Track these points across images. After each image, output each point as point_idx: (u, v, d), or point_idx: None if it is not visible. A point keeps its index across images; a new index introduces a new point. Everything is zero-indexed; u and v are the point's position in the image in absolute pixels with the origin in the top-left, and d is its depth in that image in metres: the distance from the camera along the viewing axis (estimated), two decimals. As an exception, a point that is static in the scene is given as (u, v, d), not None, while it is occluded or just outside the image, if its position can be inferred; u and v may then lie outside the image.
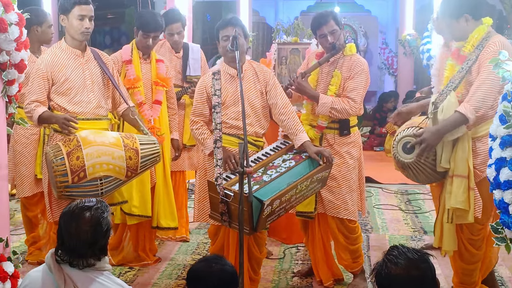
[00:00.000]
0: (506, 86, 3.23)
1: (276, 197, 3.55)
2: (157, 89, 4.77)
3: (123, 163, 3.77)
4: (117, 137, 3.84)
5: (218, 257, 2.65)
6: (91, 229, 2.53)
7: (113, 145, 3.76)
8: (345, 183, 4.21)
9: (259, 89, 4.01)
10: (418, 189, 7.60)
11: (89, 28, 3.97)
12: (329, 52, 4.20)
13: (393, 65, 13.61)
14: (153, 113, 4.71)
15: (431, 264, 2.27)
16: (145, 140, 3.96)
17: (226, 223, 3.73)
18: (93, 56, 4.11)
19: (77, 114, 3.94)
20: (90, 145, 3.70)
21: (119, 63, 4.71)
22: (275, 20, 12.62)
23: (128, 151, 3.80)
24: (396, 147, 3.79)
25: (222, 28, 3.91)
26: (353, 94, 4.15)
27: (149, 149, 3.92)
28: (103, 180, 3.72)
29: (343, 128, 4.23)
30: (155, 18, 4.68)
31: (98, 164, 3.69)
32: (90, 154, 3.67)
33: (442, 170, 3.72)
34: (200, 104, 4.02)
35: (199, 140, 4.01)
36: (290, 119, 3.97)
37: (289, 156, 3.94)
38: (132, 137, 3.91)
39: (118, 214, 4.68)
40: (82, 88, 3.99)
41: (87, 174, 3.66)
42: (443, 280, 4.44)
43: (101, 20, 15.95)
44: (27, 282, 2.60)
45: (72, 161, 3.63)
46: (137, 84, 4.66)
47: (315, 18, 4.22)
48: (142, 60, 4.76)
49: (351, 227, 4.28)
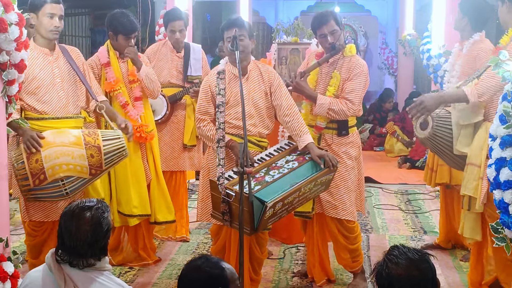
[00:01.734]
0: (506, 86, 3.24)
1: (279, 199, 3.55)
2: (133, 86, 4.72)
3: (85, 162, 3.75)
4: (78, 136, 3.81)
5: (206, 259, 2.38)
6: (91, 229, 2.53)
7: (73, 145, 3.75)
8: (343, 184, 4.20)
9: (264, 89, 4.01)
10: (418, 189, 7.61)
11: (58, 27, 3.94)
12: (329, 53, 4.19)
13: (393, 65, 13.60)
14: (138, 111, 4.68)
15: (431, 264, 2.27)
16: (109, 135, 3.93)
17: (227, 222, 3.72)
18: (62, 54, 4.08)
19: (46, 112, 3.92)
20: (49, 146, 3.69)
21: (98, 67, 4.68)
22: (275, 20, 12.60)
23: (90, 149, 3.78)
24: (415, 125, 4.16)
25: (227, 29, 3.91)
26: (351, 96, 4.14)
27: (112, 145, 3.88)
28: (65, 181, 3.72)
29: (341, 128, 4.22)
30: (131, 19, 4.63)
31: (58, 165, 3.68)
32: (48, 156, 3.67)
33: (458, 153, 3.86)
34: (205, 102, 4.02)
35: (208, 137, 3.98)
36: (294, 121, 3.96)
37: (292, 157, 3.93)
38: (95, 134, 3.89)
39: (116, 217, 4.65)
40: (52, 86, 3.96)
41: (47, 176, 3.67)
42: (443, 280, 4.44)
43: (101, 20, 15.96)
44: (27, 282, 2.60)
45: (31, 165, 3.63)
46: (117, 86, 4.63)
47: (316, 18, 4.21)
48: (119, 60, 4.72)
49: (350, 227, 4.28)
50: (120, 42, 4.65)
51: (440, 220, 5.25)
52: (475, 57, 4.47)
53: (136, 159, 4.66)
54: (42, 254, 4.14)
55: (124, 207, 4.63)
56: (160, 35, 7.12)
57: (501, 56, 3.36)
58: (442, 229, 5.22)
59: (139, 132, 4.62)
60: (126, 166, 4.59)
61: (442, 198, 5.21)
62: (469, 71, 4.51)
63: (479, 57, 4.40)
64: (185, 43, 5.49)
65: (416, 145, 9.16)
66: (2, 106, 3.10)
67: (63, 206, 4.00)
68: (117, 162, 3.98)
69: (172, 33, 5.37)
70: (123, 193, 4.62)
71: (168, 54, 5.41)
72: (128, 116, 4.60)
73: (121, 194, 4.62)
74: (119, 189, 4.62)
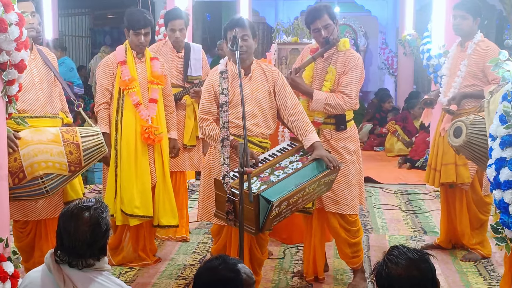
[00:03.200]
0: (506, 86, 3.24)
1: (285, 198, 3.55)
2: (152, 87, 4.73)
3: (64, 159, 3.74)
4: (56, 133, 3.80)
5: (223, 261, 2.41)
6: (90, 229, 2.53)
7: (52, 142, 3.73)
8: (343, 179, 4.20)
9: (267, 89, 4.01)
10: (418, 189, 7.61)
11: (32, 24, 3.87)
12: (323, 47, 4.19)
13: (393, 65, 13.59)
14: (150, 112, 4.66)
15: (431, 264, 2.27)
16: (87, 132, 3.91)
17: (231, 222, 3.72)
18: (39, 55, 4.08)
19: (25, 111, 3.90)
20: (27, 145, 3.67)
21: (114, 65, 4.68)
22: (275, 20, 12.60)
23: (68, 146, 3.77)
24: (449, 132, 4.15)
25: (230, 28, 3.89)
26: (347, 89, 4.14)
27: (91, 141, 3.87)
28: (44, 179, 3.69)
29: (339, 123, 4.22)
30: (142, 15, 4.64)
31: (36, 163, 3.66)
32: (27, 154, 3.65)
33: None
34: (208, 102, 4.00)
35: (211, 136, 3.97)
36: (299, 120, 3.95)
37: (296, 157, 3.94)
38: (73, 131, 3.87)
39: (119, 215, 4.65)
40: (31, 86, 3.95)
41: (26, 175, 3.65)
42: (443, 280, 4.44)
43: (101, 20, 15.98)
44: (27, 282, 2.60)
45: (10, 163, 3.60)
46: (131, 84, 4.62)
47: (309, 12, 4.21)
48: (136, 60, 4.72)
49: (351, 221, 4.29)
50: (131, 38, 4.66)
51: (441, 220, 5.25)
52: (483, 56, 4.63)
53: (143, 160, 4.65)
54: (32, 258, 4.15)
55: (126, 206, 4.62)
56: (160, 35, 7.13)
57: (501, 56, 3.36)
58: (443, 229, 5.22)
59: (148, 133, 4.61)
60: (132, 166, 4.60)
61: (443, 198, 5.20)
62: (477, 71, 4.70)
63: (488, 55, 4.56)
64: (185, 43, 5.49)
65: (416, 145, 9.16)
66: (2, 106, 3.10)
67: (42, 206, 4.03)
68: (96, 158, 3.96)
69: (172, 32, 5.37)
70: (126, 192, 4.61)
71: (168, 54, 5.40)
72: (138, 115, 4.61)
73: (124, 193, 4.62)
74: (123, 188, 4.61)
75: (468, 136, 3.95)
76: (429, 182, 5.19)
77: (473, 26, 4.82)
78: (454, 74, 4.90)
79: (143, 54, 4.77)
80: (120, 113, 4.65)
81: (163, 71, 4.84)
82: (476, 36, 4.79)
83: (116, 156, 4.63)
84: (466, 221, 5.00)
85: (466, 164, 4.88)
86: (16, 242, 4.19)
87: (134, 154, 4.62)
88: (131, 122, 4.63)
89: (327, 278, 4.53)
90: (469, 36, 4.84)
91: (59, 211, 4.02)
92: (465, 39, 4.87)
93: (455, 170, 4.89)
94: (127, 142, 4.62)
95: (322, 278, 4.47)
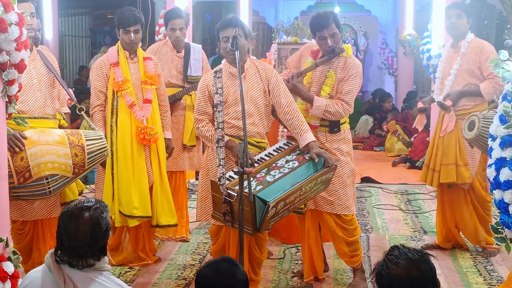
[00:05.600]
0: (506, 86, 3.24)
1: (281, 198, 3.55)
2: (146, 88, 4.70)
3: (69, 161, 3.75)
4: (62, 135, 3.81)
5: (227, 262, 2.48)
6: (90, 229, 2.53)
7: (58, 143, 3.74)
8: (337, 179, 4.20)
9: (262, 87, 4.00)
10: (418, 189, 7.61)
11: (32, 25, 3.86)
12: (327, 55, 4.20)
13: (393, 65, 13.60)
14: (144, 113, 4.65)
15: (431, 265, 2.27)
16: (91, 135, 3.93)
17: (228, 223, 3.72)
18: (39, 56, 4.08)
19: (24, 112, 3.90)
20: (34, 145, 3.68)
21: (107, 67, 4.66)
22: (275, 20, 12.60)
23: (74, 148, 3.78)
24: (464, 126, 4.41)
25: (222, 29, 3.90)
26: (347, 97, 4.17)
27: (95, 145, 3.89)
28: (49, 179, 3.70)
29: (333, 125, 4.25)
30: (132, 13, 4.61)
31: (43, 164, 3.67)
32: (34, 154, 3.65)
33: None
34: (203, 102, 4.01)
35: (207, 137, 3.97)
36: (294, 119, 3.95)
37: (292, 157, 3.93)
38: (77, 133, 3.89)
39: (117, 217, 4.63)
40: (29, 86, 3.95)
41: (32, 174, 3.65)
42: (443, 280, 4.44)
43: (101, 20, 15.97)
44: (27, 282, 2.60)
45: (16, 162, 3.61)
46: (125, 86, 4.60)
47: (316, 19, 4.19)
48: (129, 60, 4.69)
49: (347, 220, 4.29)
50: (121, 37, 4.64)
51: (437, 220, 5.24)
52: (479, 53, 4.81)
53: (140, 160, 4.64)
54: (30, 259, 4.15)
55: (124, 207, 4.61)
56: (160, 35, 7.13)
57: (501, 56, 3.36)
58: (439, 229, 5.20)
59: (143, 134, 4.60)
60: (129, 166, 4.59)
61: (440, 198, 5.20)
62: (473, 68, 4.84)
63: (483, 51, 4.79)
64: (185, 43, 5.48)
65: (415, 146, 9.15)
66: (2, 106, 3.10)
67: (39, 206, 4.02)
68: (99, 161, 3.98)
69: (173, 31, 5.36)
70: (124, 193, 4.60)
71: (168, 54, 5.40)
72: (133, 116, 4.60)
73: (122, 194, 4.61)
74: (121, 189, 4.61)
75: (480, 130, 4.13)
76: (427, 182, 5.19)
77: (466, 26, 4.96)
78: (448, 76, 4.96)
79: (136, 54, 4.73)
80: (115, 115, 4.63)
81: (156, 71, 4.80)
82: (468, 36, 4.94)
83: (112, 158, 4.61)
84: (474, 218, 5.01)
85: (467, 164, 4.89)
86: (15, 244, 4.18)
87: (131, 155, 4.61)
88: (126, 124, 4.61)
89: (327, 278, 4.53)
90: (461, 36, 4.96)
91: (56, 211, 4.05)
92: (457, 39, 5.00)
93: (455, 170, 4.90)
94: (123, 144, 4.61)
95: (322, 278, 4.47)
